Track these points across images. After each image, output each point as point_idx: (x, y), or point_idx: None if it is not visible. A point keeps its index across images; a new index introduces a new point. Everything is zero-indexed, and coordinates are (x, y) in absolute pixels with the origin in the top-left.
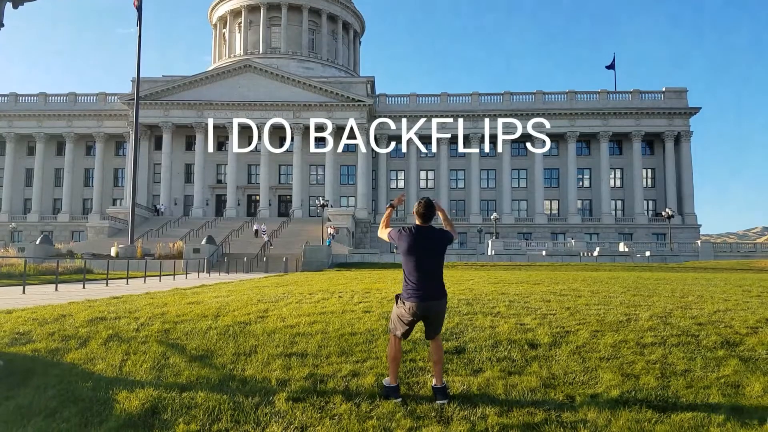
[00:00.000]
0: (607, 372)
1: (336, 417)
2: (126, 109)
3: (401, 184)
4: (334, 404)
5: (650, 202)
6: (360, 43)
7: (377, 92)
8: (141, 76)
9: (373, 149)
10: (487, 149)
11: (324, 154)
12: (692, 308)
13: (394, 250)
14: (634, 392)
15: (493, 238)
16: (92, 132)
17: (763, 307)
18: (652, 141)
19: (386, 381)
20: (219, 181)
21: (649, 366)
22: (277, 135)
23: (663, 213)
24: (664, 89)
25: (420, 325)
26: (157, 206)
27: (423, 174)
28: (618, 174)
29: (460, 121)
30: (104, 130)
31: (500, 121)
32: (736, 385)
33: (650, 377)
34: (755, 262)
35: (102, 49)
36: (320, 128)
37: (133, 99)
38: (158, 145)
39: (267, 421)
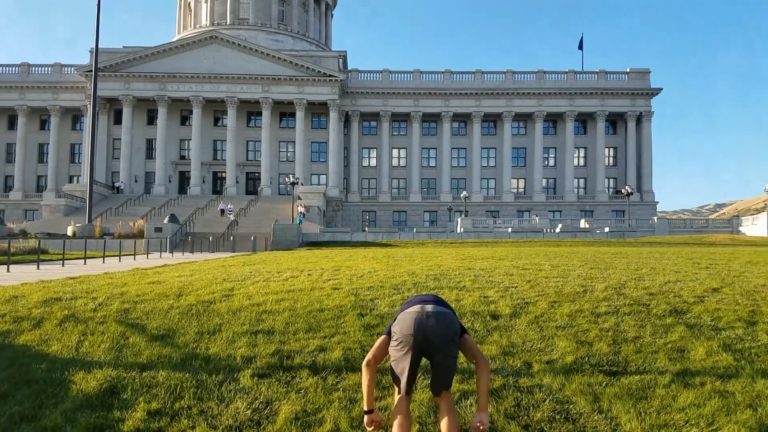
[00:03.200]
0: (562, 340)
1: (302, 391)
2: (83, 81)
3: (373, 162)
4: (300, 379)
5: (611, 180)
6: (332, 16)
7: (349, 68)
8: (100, 46)
9: (344, 126)
10: (457, 127)
11: (294, 130)
12: (645, 280)
13: (366, 229)
14: (587, 358)
15: (463, 216)
16: (47, 105)
17: (711, 278)
18: (615, 121)
19: None
20: (182, 157)
21: (602, 333)
22: (245, 110)
23: (623, 191)
24: (628, 70)
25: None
26: (117, 183)
27: (395, 152)
28: (582, 153)
29: (432, 98)
30: (60, 104)
31: (471, 99)
32: (681, 350)
33: (603, 344)
34: (707, 237)
35: (60, 18)
36: (290, 103)
37: (91, 70)
38: (118, 120)
39: (231, 397)
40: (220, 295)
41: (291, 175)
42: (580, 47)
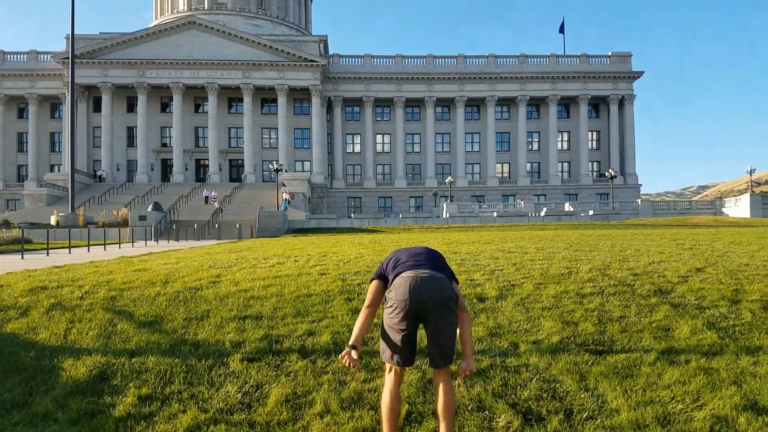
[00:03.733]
0: (548, 320)
1: (291, 374)
2: (60, 69)
3: (357, 148)
4: (290, 362)
5: (595, 164)
6: (311, 0)
7: (330, 52)
8: (76, 32)
9: (327, 112)
10: (441, 113)
11: (276, 116)
12: (629, 261)
13: (351, 215)
14: (573, 338)
15: (448, 201)
16: (24, 93)
17: (694, 258)
18: (597, 104)
19: None
20: (164, 145)
21: (588, 314)
22: (226, 96)
23: (606, 174)
24: (609, 54)
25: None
26: (99, 172)
27: (379, 138)
28: (565, 137)
29: (415, 83)
30: (37, 92)
31: (454, 84)
32: (666, 329)
33: (588, 324)
34: (690, 218)
35: (34, 5)
36: (272, 89)
37: (68, 57)
38: (97, 107)
39: (221, 381)
40: (206, 281)
41: (275, 162)
42: (561, 31)
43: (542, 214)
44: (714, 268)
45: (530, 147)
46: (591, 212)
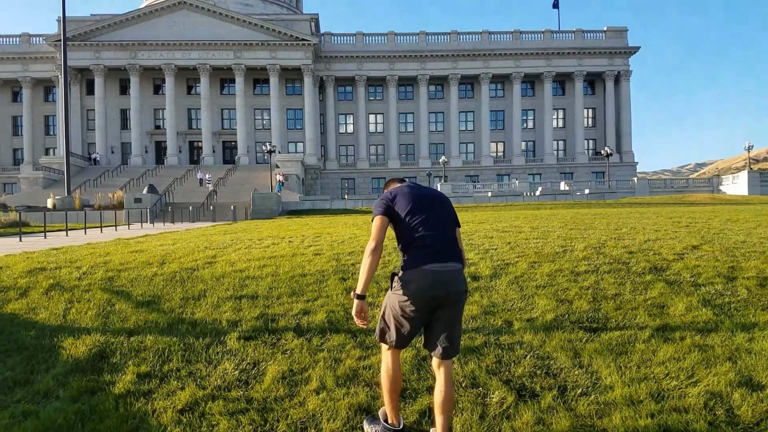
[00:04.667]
0: (542, 298)
1: (288, 352)
2: (53, 51)
3: (350, 128)
4: (286, 340)
5: (590, 142)
6: None
7: (321, 31)
8: (68, 14)
9: (320, 92)
10: (434, 91)
11: (269, 97)
12: (625, 239)
13: (345, 197)
14: (567, 315)
15: (442, 181)
16: (17, 77)
17: (690, 236)
18: (593, 81)
19: (382, 416)
20: (158, 127)
21: (582, 292)
22: (218, 77)
23: (602, 152)
24: (605, 29)
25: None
26: (93, 155)
27: (372, 117)
28: (560, 114)
29: (408, 61)
30: (30, 75)
31: (448, 61)
32: (661, 306)
33: (583, 302)
34: (687, 197)
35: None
36: (263, 69)
37: (60, 40)
38: (90, 90)
39: (219, 359)
40: (203, 262)
41: (268, 143)
42: (555, 6)
43: (537, 193)
44: (710, 246)
45: (525, 125)
46: (587, 191)
